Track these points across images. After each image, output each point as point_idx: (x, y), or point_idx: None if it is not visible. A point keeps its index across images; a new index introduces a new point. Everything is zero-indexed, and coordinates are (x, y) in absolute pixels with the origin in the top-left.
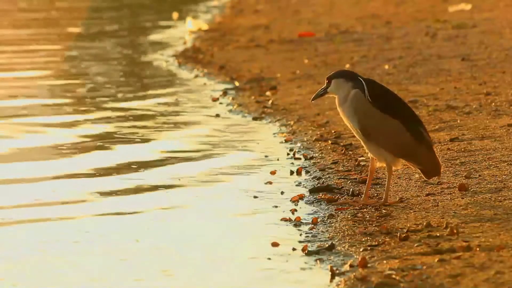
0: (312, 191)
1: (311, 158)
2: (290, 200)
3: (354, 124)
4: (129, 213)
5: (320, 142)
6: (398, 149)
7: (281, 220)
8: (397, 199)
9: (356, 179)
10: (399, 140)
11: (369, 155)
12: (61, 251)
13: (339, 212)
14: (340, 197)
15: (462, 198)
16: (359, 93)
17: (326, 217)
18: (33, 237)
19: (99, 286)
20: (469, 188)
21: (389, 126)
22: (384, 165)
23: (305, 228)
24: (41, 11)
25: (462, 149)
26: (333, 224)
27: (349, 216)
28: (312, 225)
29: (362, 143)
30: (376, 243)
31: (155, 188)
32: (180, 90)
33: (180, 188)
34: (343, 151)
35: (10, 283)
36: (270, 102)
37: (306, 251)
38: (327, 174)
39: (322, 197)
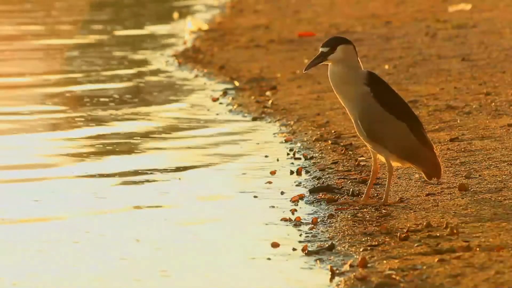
0: (312, 191)
1: (311, 158)
2: (290, 200)
3: (358, 121)
4: (128, 213)
5: (320, 142)
6: (403, 151)
7: (281, 220)
8: (397, 199)
9: (356, 179)
10: (405, 143)
11: (371, 154)
12: (61, 251)
13: (339, 212)
14: (340, 197)
15: (462, 198)
16: (370, 95)
17: (326, 217)
18: (33, 236)
19: (98, 286)
20: (469, 188)
21: (396, 129)
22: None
23: (305, 228)
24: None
25: (462, 149)
26: (333, 224)
27: (349, 216)
28: (312, 225)
29: (362, 139)
30: (376, 243)
31: (154, 187)
32: (180, 90)
33: (179, 188)
34: (343, 151)
35: (10, 282)
36: (270, 102)
37: (306, 251)
38: (327, 174)
39: (322, 197)
